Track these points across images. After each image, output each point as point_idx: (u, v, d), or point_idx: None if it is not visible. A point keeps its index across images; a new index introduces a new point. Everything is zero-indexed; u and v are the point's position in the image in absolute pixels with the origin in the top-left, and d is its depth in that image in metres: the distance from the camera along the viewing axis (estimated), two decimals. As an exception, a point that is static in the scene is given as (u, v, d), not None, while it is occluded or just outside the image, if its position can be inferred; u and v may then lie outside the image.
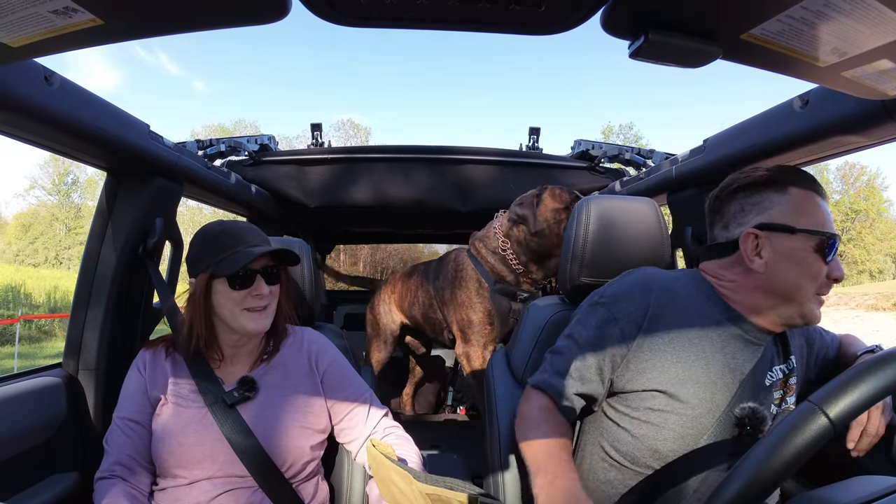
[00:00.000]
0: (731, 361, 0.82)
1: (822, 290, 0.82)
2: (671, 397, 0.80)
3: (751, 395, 0.81)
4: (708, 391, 0.80)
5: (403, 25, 0.58)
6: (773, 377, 0.85)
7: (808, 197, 0.82)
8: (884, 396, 0.49)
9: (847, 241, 32.03)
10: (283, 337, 1.05)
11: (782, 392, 0.85)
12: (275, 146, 2.01)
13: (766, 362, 0.85)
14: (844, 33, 0.52)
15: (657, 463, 0.81)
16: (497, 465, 0.99)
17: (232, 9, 0.52)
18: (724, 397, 0.80)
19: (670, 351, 0.82)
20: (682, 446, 0.79)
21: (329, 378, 1.05)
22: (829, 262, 0.80)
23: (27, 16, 0.49)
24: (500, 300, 1.68)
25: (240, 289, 0.94)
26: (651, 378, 0.82)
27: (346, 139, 29.04)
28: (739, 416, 0.79)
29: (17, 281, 14.05)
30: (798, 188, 0.82)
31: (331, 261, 3.72)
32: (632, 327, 0.84)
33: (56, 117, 0.88)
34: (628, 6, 0.52)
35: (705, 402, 0.80)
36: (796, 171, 0.84)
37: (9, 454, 0.98)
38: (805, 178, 0.83)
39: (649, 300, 0.85)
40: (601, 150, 1.95)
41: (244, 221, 1.00)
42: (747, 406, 0.79)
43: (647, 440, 0.81)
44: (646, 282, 0.88)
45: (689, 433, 0.79)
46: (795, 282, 0.80)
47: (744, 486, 0.49)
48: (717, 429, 0.79)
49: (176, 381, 0.99)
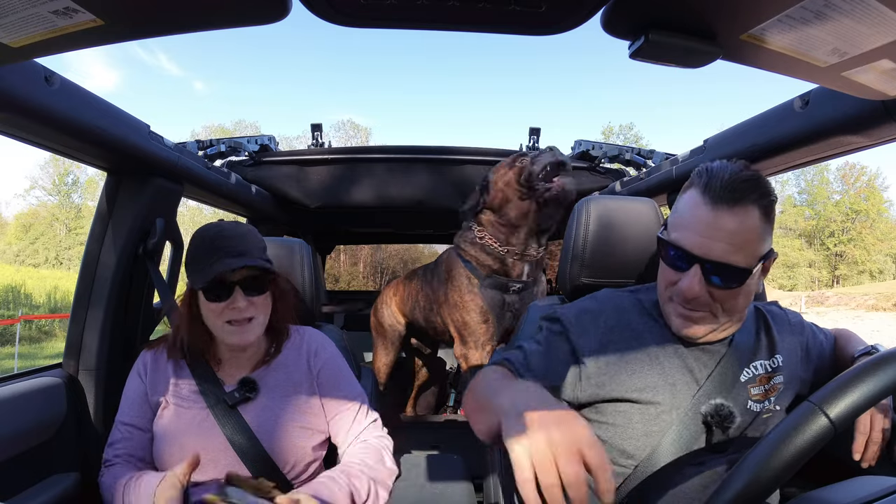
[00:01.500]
0: (689, 361, 0.84)
1: (675, 299, 0.81)
2: (633, 402, 0.82)
3: (720, 391, 0.81)
4: (668, 392, 0.82)
5: (403, 26, 0.58)
6: (752, 373, 0.84)
7: (689, 199, 0.79)
8: (884, 396, 0.49)
9: (847, 241, 32.04)
10: (284, 338, 1.05)
11: (763, 389, 0.83)
12: (275, 146, 2.01)
13: (740, 357, 0.84)
14: (844, 33, 0.52)
15: (629, 462, 0.82)
16: (497, 466, 0.99)
17: (232, 9, 0.52)
18: (685, 395, 0.81)
19: (624, 364, 0.84)
20: (648, 443, 0.80)
21: (323, 377, 1.04)
22: (679, 270, 0.79)
23: (28, 16, 0.49)
24: (492, 294, 1.64)
25: (217, 301, 0.92)
26: (612, 389, 0.84)
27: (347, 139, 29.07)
28: (704, 412, 0.79)
29: (17, 281, 14.06)
30: (694, 190, 0.79)
31: (331, 261, 3.72)
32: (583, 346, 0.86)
33: (56, 118, 0.88)
34: (628, 7, 0.52)
35: (666, 402, 0.81)
36: (698, 172, 0.80)
37: (9, 454, 0.98)
38: (705, 183, 0.77)
39: (599, 321, 0.88)
40: (601, 150, 1.95)
41: (237, 224, 0.97)
42: (712, 403, 0.79)
43: (615, 440, 0.83)
44: (601, 300, 0.92)
45: (653, 430, 0.81)
46: (658, 286, 0.84)
47: (744, 486, 0.49)
48: (681, 426, 0.79)
49: (177, 383, 0.99)
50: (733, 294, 0.77)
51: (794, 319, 0.94)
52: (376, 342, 2.24)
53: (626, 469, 0.82)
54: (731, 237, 0.74)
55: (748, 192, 0.74)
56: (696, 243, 0.75)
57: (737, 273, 0.75)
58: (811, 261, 32.47)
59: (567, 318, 0.90)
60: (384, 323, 2.17)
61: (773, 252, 0.79)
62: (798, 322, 0.94)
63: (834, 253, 32.61)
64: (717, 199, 0.74)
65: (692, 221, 0.76)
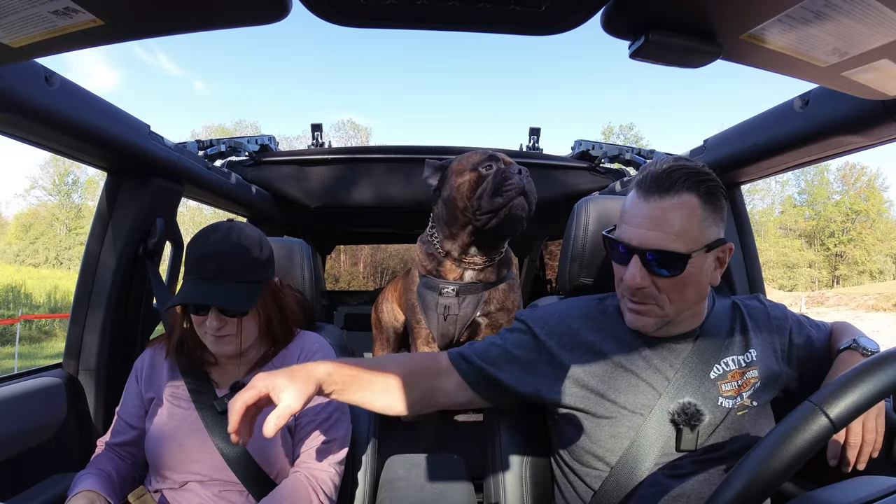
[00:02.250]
0: (655, 362, 0.83)
1: (625, 295, 0.83)
2: (600, 405, 0.83)
3: (688, 389, 0.80)
4: (633, 394, 0.82)
5: (403, 26, 0.58)
6: (722, 369, 0.83)
7: (627, 199, 0.82)
8: (885, 396, 0.49)
9: (847, 241, 32.04)
10: (282, 345, 1.03)
11: (736, 385, 0.82)
12: (275, 146, 2.02)
13: (709, 353, 0.83)
14: (845, 33, 0.52)
15: (601, 465, 0.83)
16: (497, 466, 0.99)
17: (232, 9, 0.52)
18: (651, 396, 0.81)
19: (589, 369, 0.85)
20: (618, 446, 0.81)
21: None
22: (621, 264, 0.81)
23: (28, 16, 0.49)
24: (425, 294, 1.59)
25: (196, 314, 0.92)
26: (576, 394, 0.85)
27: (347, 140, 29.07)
28: (671, 412, 0.79)
29: (17, 281, 14.06)
30: (630, 191, 0.82)
31: (331, 261, 3.72)
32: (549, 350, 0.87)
33: (56, 118, 0.88)
34: (629, 7, 0.52)
35: (632, 404, 0.81)
36: (639, 172, 0.83)
37: (9, 454, 0.98)
38: (640, 179, 0.81)
39: (564, 326, 0.89)
40: (601, 150, 1.95)
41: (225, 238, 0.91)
42: (679, 402, 0.79)
43: (586, 444, 0.84)
44: (567, 305, 0.93)
45: (621, 433, 0.81)
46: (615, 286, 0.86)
47: (744, 487, 0.49)
48: (650, 427, 0.79)
49: (172, 383, 0.99)
50: (678, 284, 0.77)
51: (776, 313, 0.92)
52: (375, 339, 2.24)
53: (601, 472, 0.82)
54: (666, 225, 0.75)
55: (680, 180, 0.76)
56: (634, 235, 0.78)
57: (676, 259, 0.75)
58: (811, 261, 32.46)
59: (534, 321, 0.91)
60: (383, 319, 2.17)
61: (725, 241, 0.79)
62: (780, 316, 0.92)
63: (834, 253, 32.60)
64: (649, 191, 0.77)
65: (630, 216, 0.79)
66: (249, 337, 0.95)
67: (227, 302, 0.89)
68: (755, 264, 1.38)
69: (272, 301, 0.99)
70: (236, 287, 0.90)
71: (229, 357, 0.97)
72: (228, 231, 0.93)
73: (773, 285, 29.35)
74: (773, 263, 31.03)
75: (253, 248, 0.94)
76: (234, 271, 0.91)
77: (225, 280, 0.90)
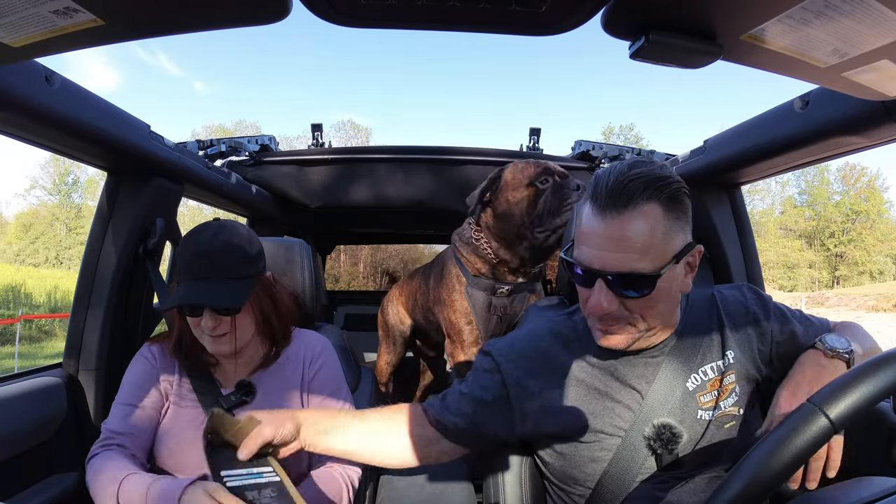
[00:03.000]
0: (630, 380, 0.79)
1: (590, 313, 0.76)
2: (575, 432, 0.80)
3: (666, 407, 0.77)
4: (609, 417, 0.79)
5: (404, 26, 0.58)
6: (700, 379, 0.79)
7: (582, 212, 0.74)
8: (885, 397, 0.49)
9: (848, 242, 32.04)
10: (284, 344, 1.04)
11: (715, 394, 0.78)
12: (275, 146, 2.01)
13: (685, 363, 0.79)
14: (845, 34, 0.52)
15: (581, 488, 0.81)
16: (497, 466, 0.98)
17: (232, 9, 0.52)
18: (627, 417, 0.78)
19: (560, 396, 0.81)
20: (597, 469, 0.79)
21: (313, 386, 1.02)
22: (585, 287, 0.75)
23: (28, 16, 0.49)
24: (478, 295, 1.57)
25: (191, 315, 0.92)
26: (550, 423, 0.82)
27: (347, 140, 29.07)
28: (646, 436, 0.76)
29: (17, 281, 14.07)
30: (584, 202, 0.74)
31: (331, 261, 3.72)
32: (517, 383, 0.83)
33: (57, 117, 0.88)
34: (629, 7, 0.52)
35: (609, 427, 0.78)
36: (591, 181, 0.75)
37: (9, 454, 0.98)
38: (587, 189, 0.74)
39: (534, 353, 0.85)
40: (602, 150, 1.95)
41: (215, 236, 0.91)
42: (654, 425, 0.76)
43: (565, 468, 0.82)
44: (534, 330, 0.89)
45: (599, 456, 0.79)
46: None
47: (744, 487, 0.49)
48: (626, 449, 0.77)
49: (179, 380, 0.99)
50: (648, 302, 0.71)
51: (755, 308, 0.84)
52: (382, 341, 2.24)
53: (584, 491, 0.81)
54: (628, 244, 0.68)
55: (637, 192, 0.68)
56: (595, 257, 0.70)
57: (644, 280, 0.69)
58: (811, 261, 32.46)
59: (500, 352, 0.86)
60: (389, 322, 2.17)
61: (693, 244, 0.73)
62: (760, 311, 0.84)
63: (834, 254, 32.60)
64: (605, 207, 0.69)
65: (587, 235, 0.72)
66: (245, 334, 0.95)
67: (219, 300, 0.89)
68: (755, 265, 1.38)
69: (266, 296, 0.99)
70: (228, 284, 0.90)
71: (227, 356, 0.97)
72: (217, 229, 0.93)
73: (774, 286, 29.35)
74: (773, 264, 31.04)
75: (243, 244, 0.94)
76: (226, 268, 0.91)
77: (217, 278, 0.90)
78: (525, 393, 0.82)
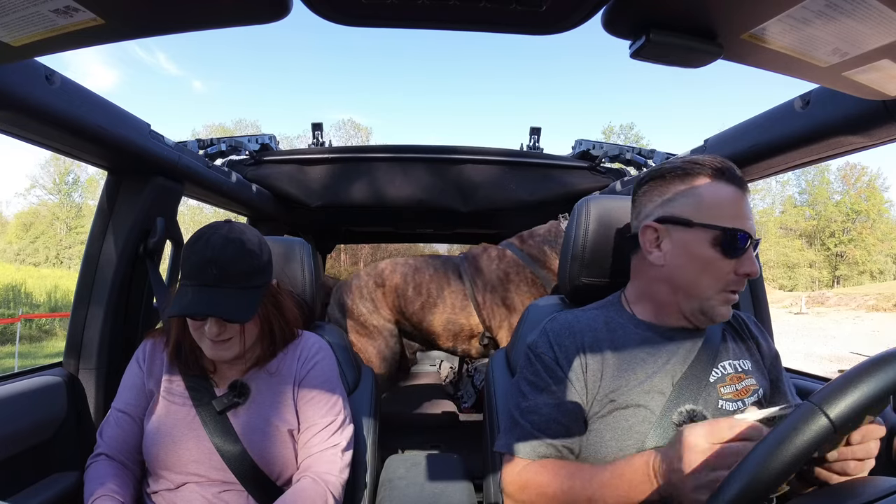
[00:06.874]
0: (666, 366, 0.81)
1: (729, 287, 0.80)
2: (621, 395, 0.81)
3: (690, 395, 0.79)
4: (642, 399, 0.80)
5: (404, 25, 0.58)
6: (720, 372, 0.82)
7: (716, 189, 0.80)
8: (884, 396, 0.49)
9: (848, 241, 32.03)
10: (281, 345, 1.01)
11: (735, 388, 0.81)
12: (276, 146, 2.01)
13: (709, 358, 0.82)
14: (845, 33, 0.52)
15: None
16: (496, 465, 0.99)
17: (232, 8, 0.52)
18: (658, 402, 0.79)
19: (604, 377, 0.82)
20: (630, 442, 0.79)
21: (304, 385, 1.00)
22: (735, 257, 0.78)
23: (28, 15, 0.49)
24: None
25: (194, 320, 0.90)
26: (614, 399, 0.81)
27: (347, 139, 29.08)
28: (677, 422, 0.77)
29: (17, 280, 14.09)
30: (707, 180, 0.80)
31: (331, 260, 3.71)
32: (572, 365, 0.84)
33: (57, 116, 0.88)
34: (629, 6, 0.52)
35: (639, 413, 0.79)
36: (710, 163, 0.81)
37: (9, 454, 0.98)
38: (718, 170, 0.80)
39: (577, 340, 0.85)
40: (602, 150, 1.95)
41: (227, 242, 0.89)
42: (684, 410, 0.77)
43: (590, 449, 0.81)
44: (574, 319, 0.89)
45: (626, 443, 0.79)
46: (693, 278, 0.80)
47: (744, 487, 0.49)
48: (655, 434, 0.77)
49: (170, 377, 0.98)
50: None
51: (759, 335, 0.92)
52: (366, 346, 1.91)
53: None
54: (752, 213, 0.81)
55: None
56: (750, 226, 0.79)
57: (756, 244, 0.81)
58: (811, 261, 32.47)
59: (533, 344, 0.88)
60: (369, 321, 1.90)
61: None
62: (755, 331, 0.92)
63: (834, 253, 32.61)
64: (742, 183, 0.81)
65: (737, 207, 0.79)
66: (248, 341, 0.94)
67: (230, 312, 0.86)
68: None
69: (272, 305, 0.98)
70: (238, 294, 0.87)
71: (227, 361, 0.96)
72: (229, 235, 0.89)
73: (774, 285, 29.34)
74: (773, 263, 31.04)
75: (255, 253, 0.91)
76: (237, 278, 0.88)
77: (226, 287, 0.87)
78: (581, 367, 0.84)
